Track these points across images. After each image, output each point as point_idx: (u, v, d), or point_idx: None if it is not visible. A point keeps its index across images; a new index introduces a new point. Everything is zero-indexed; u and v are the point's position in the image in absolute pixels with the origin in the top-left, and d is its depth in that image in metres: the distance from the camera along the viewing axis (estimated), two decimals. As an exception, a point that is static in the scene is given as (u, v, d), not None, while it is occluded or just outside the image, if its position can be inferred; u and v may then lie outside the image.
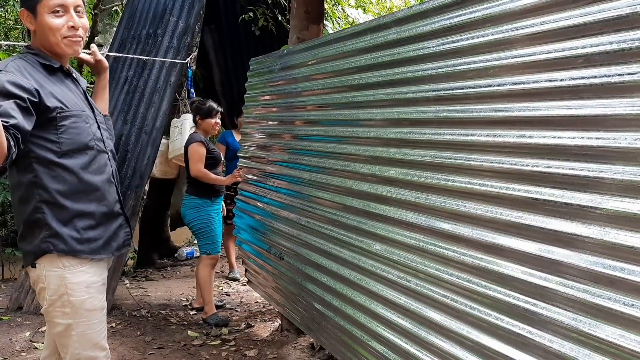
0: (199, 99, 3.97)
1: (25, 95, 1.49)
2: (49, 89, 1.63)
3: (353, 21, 5.34)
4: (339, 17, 5.34)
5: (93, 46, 2.03)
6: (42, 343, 3.14)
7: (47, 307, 1.69)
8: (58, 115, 1.62)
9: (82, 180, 1.68)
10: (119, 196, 1.85)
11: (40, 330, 3.40)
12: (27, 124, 1.49)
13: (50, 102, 1.61)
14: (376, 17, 2.86)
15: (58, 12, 1.66)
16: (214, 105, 3.81)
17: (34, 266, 1.68)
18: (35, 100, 1.54)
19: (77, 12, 1.71)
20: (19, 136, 1.44)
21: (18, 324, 3.54)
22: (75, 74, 1.87)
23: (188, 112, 5.25)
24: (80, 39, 1.75)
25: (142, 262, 5.54)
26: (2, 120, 1.33)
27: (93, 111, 1.82)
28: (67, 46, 1.71)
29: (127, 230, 1.87)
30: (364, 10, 5.61)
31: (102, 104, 2.01)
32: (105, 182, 1.77)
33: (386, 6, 6.86)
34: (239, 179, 3.38)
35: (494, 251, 1.41)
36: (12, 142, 1.39)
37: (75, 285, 1.66)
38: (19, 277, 4.08)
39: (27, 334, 3.35)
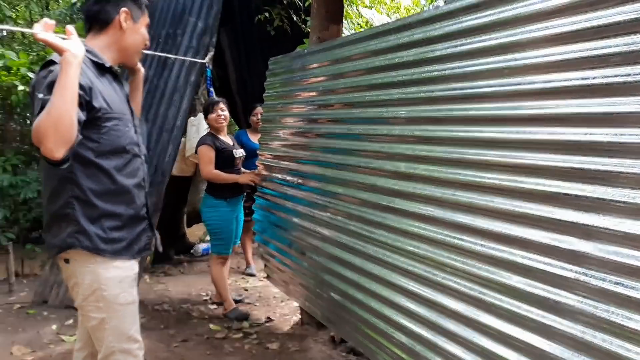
0: (207, 98, 4.01)
1: (81, 93, 1.54)
2: (99, 89, 1.68)
3: (367, 21, 5.38)
4: (354, 17, 5.39)
5: None
6: (70, 336, 3.24)
7: (81, 302, 1.74)
8: (102, 115, 1.67)
9: (115, 182, 1.72)
10: (146, 201, 1.89)
11: (66, 323, 3.49)
12: (82, 118, 1.55)
13: (98, 102, 1.65)
14: (402, 17, 2.90)
15: (146, 28, 1.90)
16: (213, 99, 3.84)
17: (67, 262, 1.73)
18: (87, 98, 1.60)
19: None
20: (79, 128, 1.50)
21: (44, 317, 3.63)
22: (120, 78, 1.91)
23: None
24: None
25: (159, 258, 5.62)
26: None
27: (132, 115, 1.87)
28: (138, 57, 1.93)
29: (149, 234, 1.90)
30: (378, 10, 5.67)
31: (136, 106, 2.05)
32: (136, 185, 1.81)
33: (395, 6, 6.90)
34: (256, 180, 3.38)
35: (519, 244, 1.45)
36: (77, 133, 1.49)
37: (108, 280, 1.71)
38: (43, 272, 4.17)
39: (54, 327, 3.43)
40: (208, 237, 6.62)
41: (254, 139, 4.50)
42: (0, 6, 5.66)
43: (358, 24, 5.38)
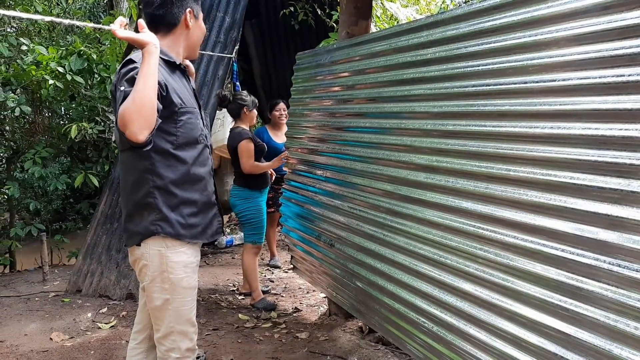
0: (234, 92, 4.09)
1: (158, 87, 1.64)
2: (172, 86, 1.78)
3: (391, 15, 5.40)
4: (379, 12, 5.40)
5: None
6: (105, 323, 3.36)
7: (149, 283, 1.83)
8: (178, 110, 1.78)
9: (191, 171, 1.84)
10: (215, 187, 2.01)
11: (100, 311, 3.61)
12: (160, 108, 1.65)
13: (174, 98, 1.77)
14: (431, 14, 2.91)
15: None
16: (255, 98, 3.94)
17: (138, 245, 1.82)
18: (164, 93, 1.70)
19: None
20: (157, 114, 1.61)
21: (79, 305, 3.76)
22: (187, 73, 2.01)
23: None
24: None
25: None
26: None
27: (199, 108, 1.98)
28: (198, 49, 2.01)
29: (219, 219, 2.01)
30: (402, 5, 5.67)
31: None
32: (207, 173, 1.93)
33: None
34: (284, 161, 3.56)
35: (551, 236, 1.50)
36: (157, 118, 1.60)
37: (175, 264, 1.81)
38: (76, 262, 4.30)
39: (89, 314, 3.56)
40: (229, 230, 6.75)
41: (274, 135, 4.57)
42: (32, 1, 5.79)
43: (378, 17, 5.39)
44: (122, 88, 1.62)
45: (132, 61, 1.71)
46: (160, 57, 1.74)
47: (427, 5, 8.03)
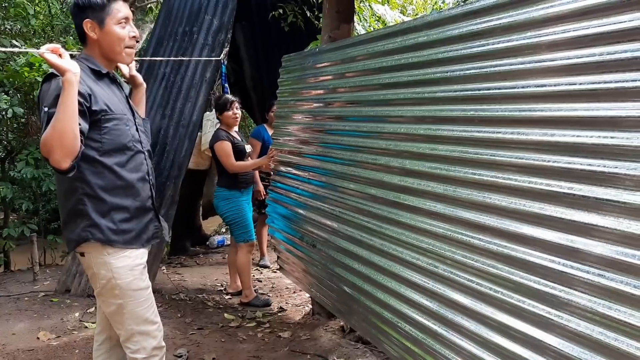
0: (216, 95, 4.12)
1: (82, 100, 1.67)
2: (97, 93, 1.80)
3: (379, 17, 5.44)
4: (365, 13, 5.44)
5: (132, 64, 2.16)
6: (92, 323, 3.39)
7: (100, 290, 1.89)
8: (102, 117, 1.79)
9: (120, 177, 1.85)
10: (151, 193, 2.00)
11: (88, 311, 3.65)
12: (85, 128, 1.70)
13: (97, 106, 1.78)
14: (411, 18, 2.95)
15: (122, 23, 1.87)
16: (229, 97, 3.95)
17: (82, 255, 1.87)
18: (87, 105, 1.72)
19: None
20: (82, 138, 1.65)
21: (67, 305, 3.80)
22: (120, 80, 2.04)
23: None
24: (135, 49, 1.97)
25: (175, 250, 5.80)
26: None
27: (133, 114, 1.99)
28: (127, 55, 1.93)
29: (156, 224, 2.02)
30: (390, 4, 5.71)
31: (140, 110, 2.17)
32: (140, 179, 1.93)
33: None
34: (272, 160, 3.54)
35: (517, 239, 1.54)
36: (81, 144, 1.63)
37: (120, 269, 1.84)
38: (65, 262, 4.35)
39: (77, 314, 3.60)
40: (223, 230, 6.80)
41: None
42: (25, 5, 5.83)
43: (366, 19, 5.42)
44: (45, 109, 1.64)
45: (54, 75, 1.70)
46: (86, 66, 1.81)
47: (424, 5, 8.07)
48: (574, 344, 1.37)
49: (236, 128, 4.09)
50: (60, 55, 1.60)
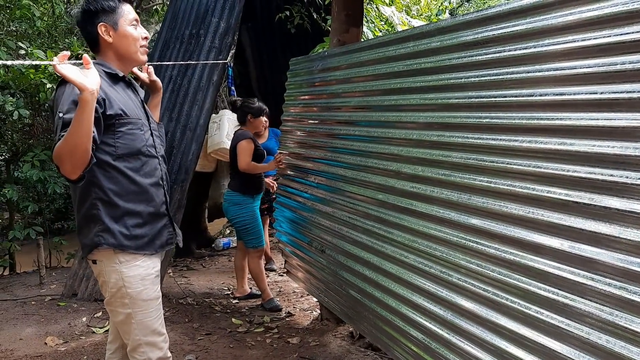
0: (244, 99, 4.14)
1: (96, 106, 1.63)
2: (112, 97, 1.79)
3: (387, 19, 5.41)
4: (373, 15, 5.42)
5: (150, 68, 2.17)
6: (99, 328, 3.39)
7: (109, 299, 1.87)
8: (117, 121, 1.78)
9: (134, 182, 1.83)
10: (166, 198, 1.98)
11: (95, 315, 3.64)
12: (98, 136, 1.68)
13: (112, 110, 1.77)
14: (422, 23, 2.92)
15: (134, 25, 1.89)
16: (263, 105, 4.00)
17: (95, 262, 1.86)
18: (101, 110, 1.71)
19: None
20: (94, 147, 1.63)
21: (74, 309, 3.79)
22: (135, 85, 2.03)
23: (226, 108, 5.44)
24: (147, 48, 1.96)
25: (181, 252, 5.78)
26: None
27: (148, 119, 1.97)
28: (142, 54, 1.93)
29: (170, 230, 2.00)
30: (397, 8, 5.68)
31: (155, 115, 2.17)
32: (154, 184, 1.91)
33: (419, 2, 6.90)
34: (281, 161, 3.51)
35: (534, 249, 1.52)
36: (93, 153, 1.62)
37: (131, 278, 1.82)
38: (72, 266, 4.33)
39: (84, 319, 3.59)
40: (228, 232, 6.78)
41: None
42: (30, 6, 5.82)
43: (372, 21, 5.40)
44: (60, 114, 1.63)
45: None
46: (102, 70, 1.79)
47: (427, 6, 8.03)
48: (588, 354, 1.35)
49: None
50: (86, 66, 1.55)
